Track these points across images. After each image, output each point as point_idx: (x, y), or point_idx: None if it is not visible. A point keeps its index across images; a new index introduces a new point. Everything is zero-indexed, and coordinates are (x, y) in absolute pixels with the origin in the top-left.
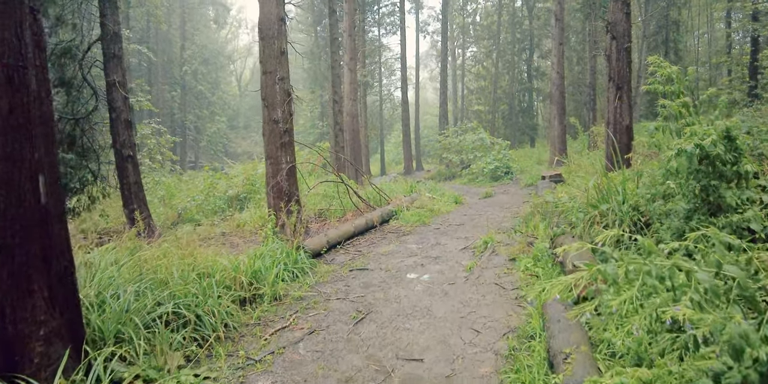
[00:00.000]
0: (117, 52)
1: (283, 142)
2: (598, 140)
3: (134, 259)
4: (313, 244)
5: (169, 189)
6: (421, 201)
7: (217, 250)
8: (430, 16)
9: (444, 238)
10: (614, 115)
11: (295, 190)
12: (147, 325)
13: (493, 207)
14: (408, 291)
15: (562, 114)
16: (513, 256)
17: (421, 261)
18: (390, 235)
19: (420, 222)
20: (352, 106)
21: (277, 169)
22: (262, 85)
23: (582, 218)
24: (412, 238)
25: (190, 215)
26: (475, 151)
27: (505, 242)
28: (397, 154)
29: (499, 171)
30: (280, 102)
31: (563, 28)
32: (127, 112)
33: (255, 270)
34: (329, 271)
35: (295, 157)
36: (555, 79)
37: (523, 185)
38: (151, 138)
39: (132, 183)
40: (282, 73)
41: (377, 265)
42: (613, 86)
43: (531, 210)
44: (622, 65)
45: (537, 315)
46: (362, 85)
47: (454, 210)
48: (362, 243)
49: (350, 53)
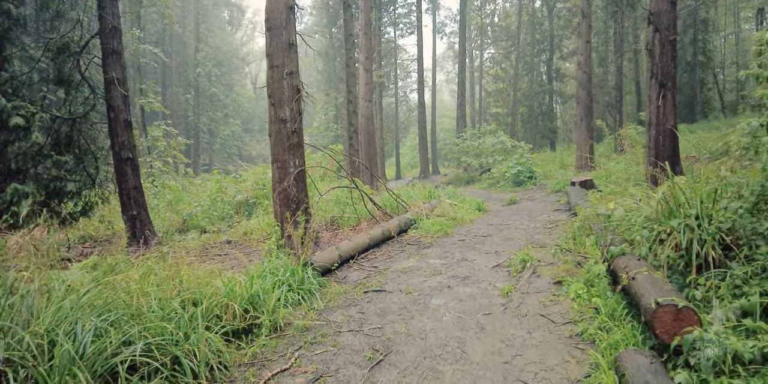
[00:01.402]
0: (116, 48)
1: (292, 143)
2: (625, 143)
3: (104, 283)
4: (322, 259)
5: (177, 193)
6: (441, 208)
7: (212, 269)
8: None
9: (471, 252)
10: (657, 115)
11: (305, 197)
12: (111, 371)
13: (520, 215)
14: (434, 322)
15: (589, 116)
16: (558, 279)
17: (447, 281)
18: (409, 247)
19: (442, 232)
20: (367, 107)
21: (285, 174)
22: (268, 81)
23: (647, 236)
24: (435, 252)
25: (196, 221)
26: (495, 154)
27: (546, 261)
28: (412, 157)
29: (522, 176)
30: (288, 99)
31: (590, 24)
32: (126, 111)
33: (252, 294)
34: (340, 293)
35: (304, 160)
36: (582, 78)
37: (549, 191)
38: (161, 140)
39: (131, 187)
40: (290, 67)
41: (396, 286)
42: (655, 84)
43: (579, 223)
44: (666, 60)
45: (607, 368)
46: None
47: (477, 218)
48: (378, 257)
49: (366, 52)
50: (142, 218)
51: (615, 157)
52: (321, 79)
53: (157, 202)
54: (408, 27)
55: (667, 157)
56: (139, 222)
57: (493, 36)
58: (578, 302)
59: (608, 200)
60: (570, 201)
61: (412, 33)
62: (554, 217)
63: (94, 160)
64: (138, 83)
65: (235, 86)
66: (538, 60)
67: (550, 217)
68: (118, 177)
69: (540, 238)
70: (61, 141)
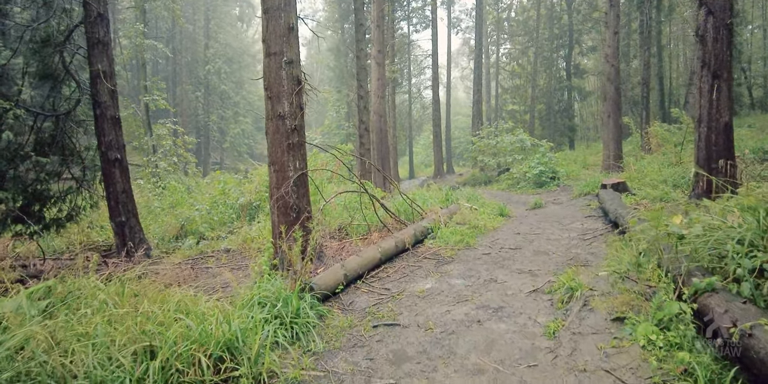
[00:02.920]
0: (102, 37)
1: (291, 143)
2: (652, 142)
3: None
4: (325, 282)
5: (177, 195)
6: (461, 215)
7: (190, 296)
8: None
9: (500, 271)
10: (709, 110)
11: (306, 205)
12: None
13: (548, 222)
14: (465, 380)
15: (617, 112)
16: (618, 315)
17: (476, 313)
18: (426, 262)
19: (463, 243)
20: (379, 104)
21: (283, 178)
22: (264, 71)
23: (749, 267)
24: (456, 269)
25: (194, 227)
26: (514, 153)
27: (597, 288)
28: (426, 156)
29: (544, 176)
30: (288, 92)
31: (618, 14)
32: (114, 107)
33: (228, 338)
34: (344, 327)
35: (306, 162)
36: (609, 72)
37: (576, 194)
38: (167, 139)
39: (119, 191)
40: (290, 54)
41: (412, 318)
42: (707, 74)
43: (645, 244)
44: (721, 47)
45: None
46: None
47: (501, 226)
48: (391, 275)
49: (378, 46)
50: (132, 225)
51: (644, 157)
52: (333, 76)
53: (158, 204)
54: (422, 21)
55: (721, 158)
56: (129, 229)
57: (510, 31)
58: (653, 353)
59: (671, 214)
60: (606, 208)
61: (426, 28)
62: (588, 225)
63: (81, 161)
64: (143, 80)
65: (245, 84)
66: (556, 55)
67: (584, 225)
68: (105, 180)
69: (579, 254)
70: (44, 140)
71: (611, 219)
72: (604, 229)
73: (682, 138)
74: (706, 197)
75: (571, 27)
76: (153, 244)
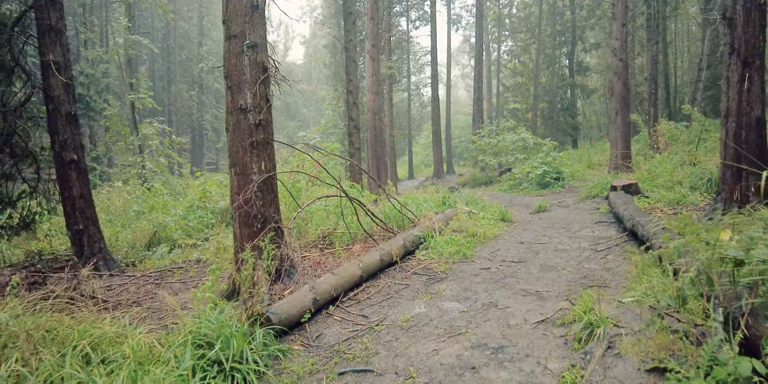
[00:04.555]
0: (55, 24)
1: (255, 141)
2: (660, 140)
3: None
4: (287, 309)
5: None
6: (458, 220)
7: (113, 331)
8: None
9: (501, 291)
10: (738, 103)
11: (274, 213)
12: None
13: (555, 229)
14: None
15: (626, 109)
16: (655, 364)
17: (471, 355)
18: (415, 279)
19: (459, 255)
20: (374, 100)
21: (246, 182)
22: (225, 57)
23: None
24: (450, 289)
25: (168, 233)
26: (516, 153)
27: (625, 324)
28: (426, 155)
29: (548, 177)
30: (251, 81)
31: (627, 5)
32: (69, 103)
33: None
34: (303, 374)
35: (274, 162)
36: (617, 66)
37: (583, 196)
38: (154, 138)
39: (76, 196)
40: (254, 37)
41: (390, 361)
42: (737, 61)
43: (693, 274)
44: (752, 31)
45: None
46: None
47: (503, 233)
48: (372, 296)
49: (372, 39)
50: (91, 233)
51: (654, 156)
52: (329, 74)
53: (138, 207)
54: (421, 18)
55: (753, 157)
56: (87, 238)
57: (511, 27)
58: None
59: (719, 229)
60: (620, 213)
61: (425, 24)
62: (600, 233)
63: (34, 162)
64: (128, 77)
65: None
66: (559, 52)
67: (595, 233)
68: (60, 183)
69: (594, 270)
70: None
71: (627, 227)
72: (618, 238)
73: (697, 136)
74: (739, 203)
75: (574, 23)
76: (123, 253)
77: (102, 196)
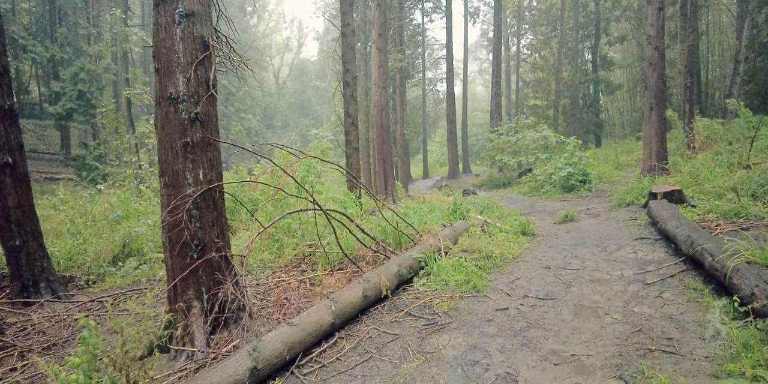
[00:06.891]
0: None
1: (189, 142)
2: (697, 139)
3: None
4: None
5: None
6: (470, 236)
7: None
8: None
9: (523, 353)
10: None
11: (217, 237)
12: None
13: (587, 247)
14: None
15: (662, 104)
16: None
17: None
18: (408, 325)
19: (469, 286)
20: (380, 95)
21: (177, 197)
22: (153, 30)
23: None
24: (453, 346)
25: (138, 245)
26: (537, 152)
27: None
28: (441, 154)
29: (573, 179)
30: (185, 62)
31: None
32: (4, 96)
33: None
34: None
35: (219, 171)
36: (652, 56)
37: (615, 204)
38: (151, 137)
39: (12, 206)
40: (189, 3)
41: None
42: None
43: None
44: None
45: None
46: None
47: (524, 252)
48: (344, 355)
49: (379, 28)
50: (31, 250)
51: (693, 157)
52: (339, 69)
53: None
54: (436, 10)
55: None
56: (26, 256)
57: (532, 20)
58: None
59: None
60: (669, 230)
61: (441, 17)
62: (645, 254)
63: None
64: (124, 72)
65: (248, 78)
66: (581, 46)
67: (638, 254)
68: None
69: (650, 317)
70: None
71: (684, 250)
72: (672, 265)
73: (742, 134)
74: None
75: (598, 15)
76: (85, 269)
77: (83, 199)
